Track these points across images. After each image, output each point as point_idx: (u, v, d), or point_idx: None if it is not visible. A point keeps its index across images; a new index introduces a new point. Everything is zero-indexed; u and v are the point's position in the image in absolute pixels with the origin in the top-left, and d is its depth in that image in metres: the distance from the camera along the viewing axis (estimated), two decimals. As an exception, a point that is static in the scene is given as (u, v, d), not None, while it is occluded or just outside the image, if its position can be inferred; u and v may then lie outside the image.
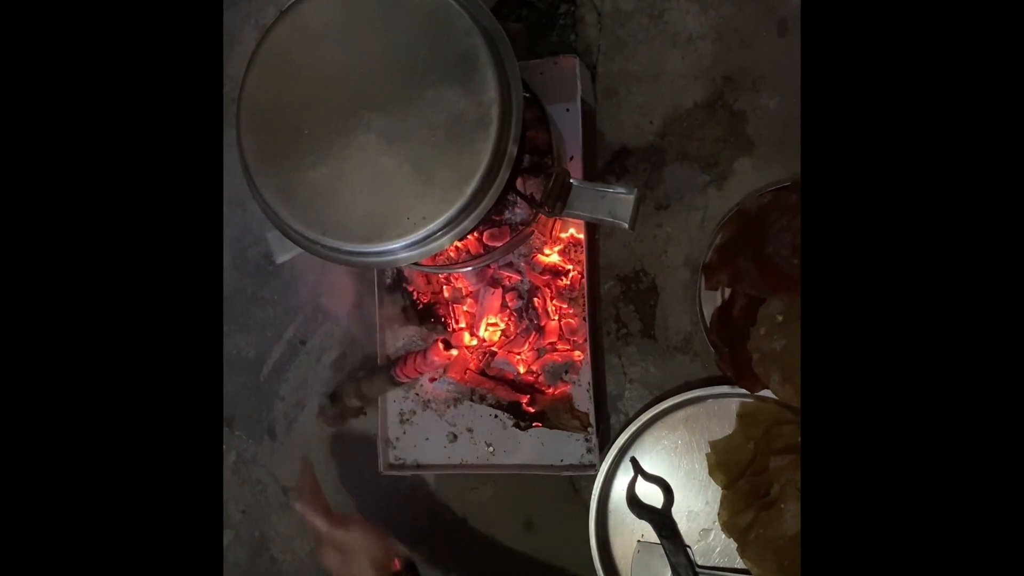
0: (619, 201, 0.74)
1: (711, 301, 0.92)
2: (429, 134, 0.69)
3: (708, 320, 0.92)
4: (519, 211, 0.92)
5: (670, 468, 0.94)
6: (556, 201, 0.75)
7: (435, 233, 0.69)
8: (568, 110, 0.94)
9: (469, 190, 0.68)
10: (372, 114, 0.70)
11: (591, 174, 0.97)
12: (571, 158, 0.94)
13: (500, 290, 0.98)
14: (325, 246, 0.71)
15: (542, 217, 0.90)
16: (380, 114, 0.70)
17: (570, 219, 0.83)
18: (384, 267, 0.74)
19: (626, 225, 0.73)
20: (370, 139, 0.70)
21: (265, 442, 1.12)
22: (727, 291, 0.92)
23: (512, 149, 0.70)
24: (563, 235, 0.97)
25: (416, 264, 0.87)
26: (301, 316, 1.11)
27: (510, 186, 0.76)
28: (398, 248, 0.70)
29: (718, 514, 0.91)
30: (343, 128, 0.70)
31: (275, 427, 1.12)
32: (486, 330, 0.99)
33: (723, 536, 0.91)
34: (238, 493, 1.12)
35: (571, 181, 0.75)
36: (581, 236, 0.95)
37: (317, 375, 1.10)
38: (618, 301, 0.99)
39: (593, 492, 0.94)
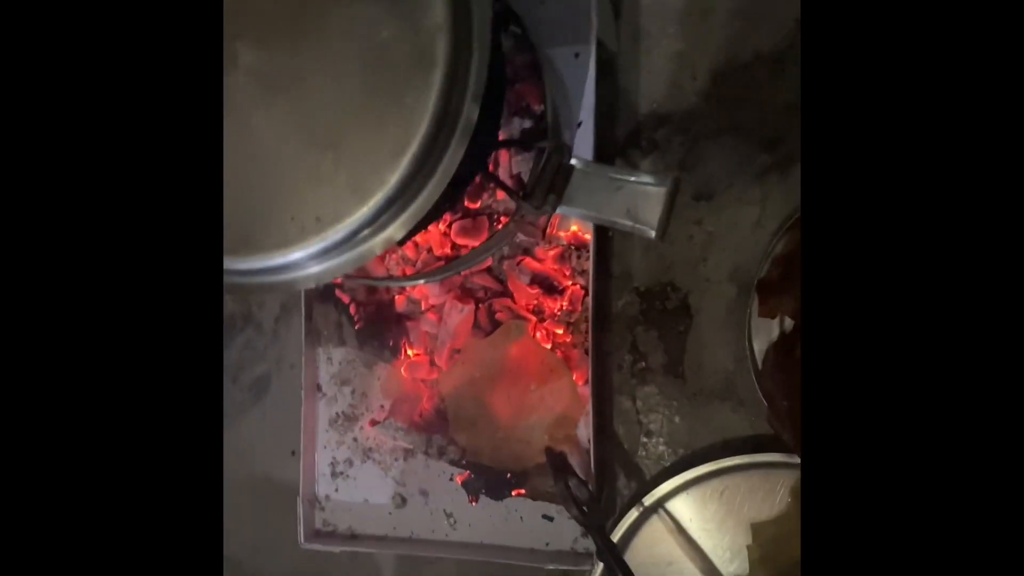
0: (643, 196, 0.55)
1: (765, 332, 0.74)
2: (333, 78, 0.46)
3: (760, 358, 0.74)
4: (504, 197, 0.71)
5: (696, 558, 0.75)
6: (547, 191, 0.55)
7: (339, 244, 0.47)
8: (577, 55, 0.73)
9: (395, 176, 0.45)
10: (241, 43, 0.47)
11: (606, 148, 0.76)
12: (579, 124, 0.73)
13: (472, 305, 0.76)
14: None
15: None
16: (255, 43, 0.47)
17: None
18: (255, 294, 0.50)
19: (651, 233, 0.54)
20: (236, 83, 0.47)
21: (165, 482, 0.90)
22: (788, 321, 0.73)
23: (470, 110, 0.47)
24: (562, 233, 0.76)
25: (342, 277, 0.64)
26: (215, 319, 0.88)
27: (475, 166, 0.52)
28: (277, 266, 0.47)
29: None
30: (195, 65, 0.46)
31: (178, 464, 0.90)
32: (451, 359, 0.78)
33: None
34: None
35: (571, 162, 0.55)
36: (588, 236, 0.75)
37: (232, 399, 0.90)
38: (636, 324, 0.80)
39: (588, 591, 0.75)
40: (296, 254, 0.46)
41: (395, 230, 0.46)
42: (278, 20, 0.46)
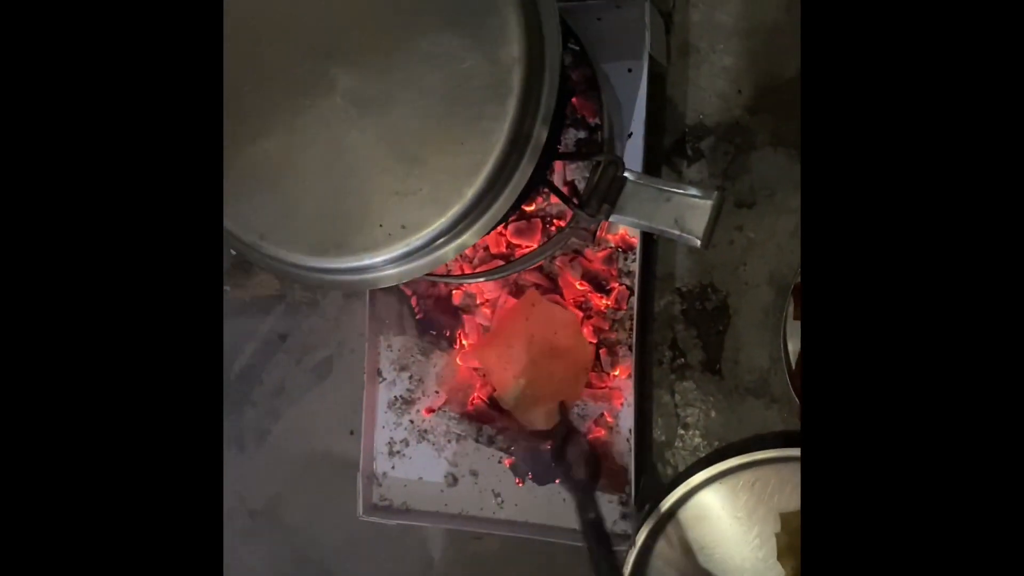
0: (690, 207, 0.56)
1: (799, 335, 0.75)
2: (419, 103, 0.50)
3: (794, 359, 0.75)
4: (557, 201, 0.73)
5: (726, 544, 0.76)
6: (601, 201, 0.56)
7: (419, 250, 0.50)
8: (631, 71, 0.73)
9: (471, 191, 0.49)
10: (340, 69, 0.51)
11: (655, 156, 0.77)
12: (629, 135, 0.74)
13: (524, 301, 0.77)
14: (263, 254, 0.52)
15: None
16: (351, 70, 0.51)
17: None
18: (346, 290, 0.54)
19: (697, 242, 0.56)
20: (334, 105, 0.51)
21: (232, 455, 0.94)
22: (823, 324, 0.72)
23: (540, 133, 0.50)
24: (611, 236, 0.78)
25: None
26: (283, 304, 0.92)
27: (537, 177, 0.56)
28: (364, 266, 0.51)
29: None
30: (297, 88, 0.51)
31: (244, 438, 0.94)
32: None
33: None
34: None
35: (624, 175, 0.56)
36: (635, 239, 0.76)
37: (296, 380, 0.92)
38: (676, 322, 0.80)
39: (625, 570, 0.76)
40: (381, 257, 0.49)
41: (469, 238, 0.50)
42: (372, 50, 0.50)
